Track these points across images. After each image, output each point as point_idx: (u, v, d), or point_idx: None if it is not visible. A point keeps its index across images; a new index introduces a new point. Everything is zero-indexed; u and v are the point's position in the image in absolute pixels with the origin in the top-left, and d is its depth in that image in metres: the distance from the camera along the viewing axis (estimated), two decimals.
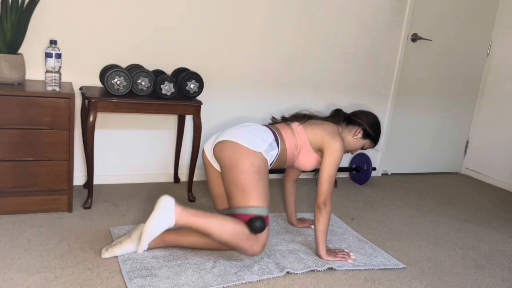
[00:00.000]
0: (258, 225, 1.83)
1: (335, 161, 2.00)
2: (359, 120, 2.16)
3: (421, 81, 3.54)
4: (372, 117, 2.18)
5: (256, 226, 1.82)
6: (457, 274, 2.12)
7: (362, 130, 2.14)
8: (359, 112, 2.20)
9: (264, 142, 1.94)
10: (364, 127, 2.15)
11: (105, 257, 1.88)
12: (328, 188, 1.99)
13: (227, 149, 1.89)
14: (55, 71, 2.26)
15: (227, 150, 1.89)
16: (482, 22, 3.66)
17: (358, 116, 2.17)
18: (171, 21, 2.65)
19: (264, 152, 1.92)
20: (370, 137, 2.16)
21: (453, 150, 3.93)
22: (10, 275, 1.70)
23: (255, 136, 1.94)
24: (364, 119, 2.16)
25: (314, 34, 3.06)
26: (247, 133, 1.95)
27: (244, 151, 1.88)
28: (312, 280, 1.90)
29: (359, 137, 2.15)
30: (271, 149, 1.96)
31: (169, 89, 2.39)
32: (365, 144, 2.18)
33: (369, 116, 2.18)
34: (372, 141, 2.19)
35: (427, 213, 2.88)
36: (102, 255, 1.88)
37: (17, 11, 2.17)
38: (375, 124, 2.17)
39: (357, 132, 2.15)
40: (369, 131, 2.15)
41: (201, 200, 2.65)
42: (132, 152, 2.77)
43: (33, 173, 2.16)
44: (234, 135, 1.93)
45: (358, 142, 2.16)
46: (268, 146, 1.94)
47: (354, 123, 2.16)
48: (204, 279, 1.80)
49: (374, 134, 2.16)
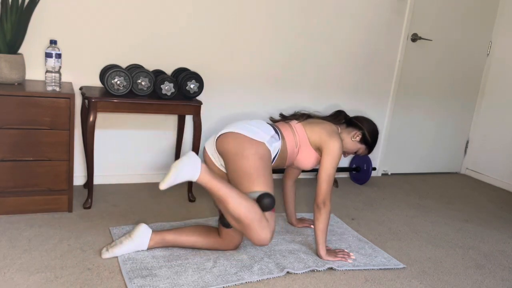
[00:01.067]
0: (268, 200, 1.81)
1: (334, 161, 2.00)
2: (360, 124, 2.17)
3: (421, 81, 3.54)
4: (372, 124, 2.20)
5: (265, 201, 1.80)
6: (457, 274, 2.12)
7: (361, 134, 2.15)
8: (361, 117, 2.23)
9: (266, 134, 1.95)
10: (364, 132, 2.16)
11: (106, 257, 1.88)
12: (327, 187, 1.99)
13: (230, 140, 1.90)
14: (55, 71, 2.26)
15: (231, 141, 1.90)
16: (482, 22, 3.66)
17: (359, 120, 2.19)
18: (171, 21, 2.65)
19: (267, 143, 1.93)
20: (367, 143, 2.18)
21: (453, 150, 3.93)
22: (10, 275, 1.70)
23: (258, 128, 1.96)
24: (365, 124, 2.18)
25: (314, 34, 3.06)
26: (249, 125, 1.97)
27: (247, 141, 1.89)
28: (312, 280, 1.90)
29: (357, 141, 2.16)
30: (274, 140, 1.97)
31: (169, 89, 2.39)
32: (360, 148, 2.19)
33: (370, 123, 2.20)
34: (367, 148, 2.20)
35: (427, 213, 2.88)
36: (103, 255, 1.88)
37: (17, 11, 2.17)
38: (374, 132, 2.19)
39: (356, 135, 2.15)
40: (368, 137, 2.16)
41: (201, 200, 2.65)
42: (132, 152, 2.77)
43: (33, 173, 2.16)
44: (237, 127, 1.94)
45: (354, 145, 2.17)
46: (270, 137, 1.96)
47: (354, 126, 2.17)
48: (204, 279, 1.80)
49: (371, 141, 2.18)
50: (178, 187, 2.82)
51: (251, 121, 2.02)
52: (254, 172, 1.85)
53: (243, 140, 1.89)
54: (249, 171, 1.85)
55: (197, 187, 2.85)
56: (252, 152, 1.86)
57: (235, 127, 1.95)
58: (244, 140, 1.89)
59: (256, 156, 1.86)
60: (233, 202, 1.77)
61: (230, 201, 1.77)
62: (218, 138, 1.95)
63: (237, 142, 1.88)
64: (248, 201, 1.80)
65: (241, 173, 1.86)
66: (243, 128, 1.93)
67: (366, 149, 2.20)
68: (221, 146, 1.92)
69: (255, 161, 1.85)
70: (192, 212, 2.47)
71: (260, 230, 1.80)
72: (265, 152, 1.90)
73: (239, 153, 1.86)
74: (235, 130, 1.93)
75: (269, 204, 1.82)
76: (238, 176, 1.86)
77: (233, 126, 1.97)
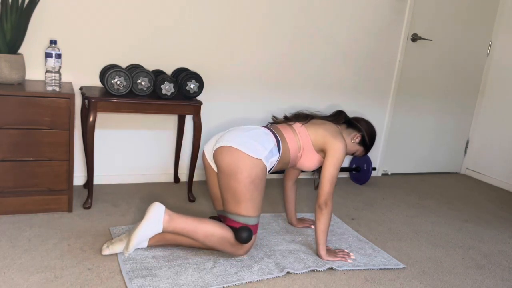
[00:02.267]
0: (244, 237, 1.89)
1: (338, 162, 2.00)
2: (360, 125, 2.18)
3: (421, 81, 3.54)
4: (371, 127, 2.21)
5: (242, 237, 1.89)
6: (457, 274, 2.12)
7: (361, 136, 2.16)
8: (360, 118, 2.23)
9: (265, 149, 1.92)
10: (363, 133, 2.16)
11: (106, 253, 1.89)
12: (329, 188, 1.99)
13: (226, 155, 1.88)
14: (55, 71, 2.26)
15: (226, 156, 1.88)
16: (482, 22, 3.66)
17: (359, 121, 2.20)
18: (171, 21, 2.65)
19: (264, 159, 1.90)
20: (365, 145, 2.19)
21: (453, 150, 3.93)
22: (10, 275, 1.70)
23: (257, 142, 1.91)
24: (364, 126, 2.19)
25: (314, 34, 3.06)
26: (249, 138, 1.92)
27: (243, 159, 1.86)
28: (312, 280, 1.90)
29: (356, 142, 2.17)
30: (272, 155, 1.95)
31: (169, 89, 2.39)
32: (358, 150, 2.20)
33: (369, 125, 2.21)
34: (364, 150, 2.21)
35: (427, 213, 2.88)
36: (103, 252, 1.89)
37: (17, 11, 2.17)
38: (373, 134, 2.21)
39: (356, 137, 2.16)
40: (366, 139, 2.17)
41: (201, 200, 2.65)
42: (132, 152, 2.77)
43: (33, 173, 2.16)
44: (235, 141, 1.90)
45: (353, 146, 2.18)
46: (268, 152, 1.92)
47: (354, 127, 2.18)
48: (204, 279, 1.80)
49: (369, 143, 2.19)
50: (178, 187, 2.82)
51: (252, 131, 1.97)
52: (242, 197, 1.87)
53: (239, 158, 1.86)
54: (238, 196, 1.87)
55: (197, 187, 2.86)
56: (245, 175, 1.85)
57: (233, 141, 1.90)
58: (240, 158, 1.86)
59: (248, 180, 1.86)
60: (201, 239, 1.89)
61: (198, 238, 1.89)
62: (216, 150, 1.94)
63: (232, 160, 1.86)
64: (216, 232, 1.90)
65: (231, 194, 1.89)
66: (241, 143, 1.89)
67: (363, 151, 2.21)
68: (217, 159, 1.92)
69: (246, 186, 1.86)
70: (192, 212, 2.47)
71: (233, 252, 1.95)
72: (259, 172, 1.89)
73: (232, 174, 1.86)
74: (233, 144, 1.88)
75: (244, 240, 1.90)
76: (228, 196, 1.91)
77: (231, 137, 1.92)
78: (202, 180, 2.99)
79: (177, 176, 2.90)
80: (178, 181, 2.91)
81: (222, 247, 1.91)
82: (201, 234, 1.88)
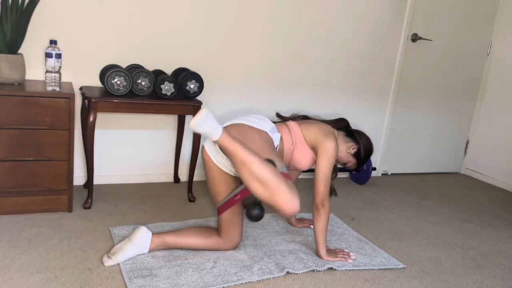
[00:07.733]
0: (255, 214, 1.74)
1: (329, 160, 1.99)
2: (359, 138, 2.16)
3: (421, 81, 3.54)
4: (370, 143, 2.19)
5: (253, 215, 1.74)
6: (457, 274, 2.12)
7: (357, 148, 2.14)
8: (362, 133, 2.21)
9: (268, 124, 1.99)
10: (360, 146, 2.15)
11: (109, 265, 1.83)
12: (324, 188, 1.99)
13: (232, 130, 1.91)
14: (55, 71, 2.26)
15: (233, 131, 1.90)
16: (482, 22, 3.66)
17: (360, 135, 2.18)
18: (171, 21, 2.65)
19: (269, 132, 1.95)
20: (359, 158, 2.16)
21: (453, 150, 3.93)
22: (10, 275, 1.70)
23: (258, 120, 1.99)
24: (363, 140, 2.17)
25: (314, 34, 3.06)
26: (250, 117, 2.00)
27: (250, 129, 1.91)
28: (312, 280, 1.90)
29: (351, 153, 2.15)
30: (274, 131, 2.00)
31: (169, 89, 2.39)
32: (350, 162, 2.18)
33: (368, 141, 2.19)
34: (357, 163, 2.18)
35: (427, 213, 2.88)
36: (105, 264, 1.83)
37: (17, 11, 2.17)
38: (369, 151, 2.18)
39: (352, 148, 2.14)
40: (361, 153, 2.15)
41: (201, 200, 2.65)
42: (132, 152, 2.77)
43: (33, 173, 2.16)
44: (238, 120, 1.98)
45: (347, 157, 2.16)
46: (271, 127, 1.99)
47: (353, 138, 2.16)
48: (204, 279, 1.80)
49: (363, 158, 2.17)
50: (178, 187, 2.82)
51: (250, 116, 2.04)
52: (260, 149, 1.80)
53: (246, 128, 1.91)
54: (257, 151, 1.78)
55: (197, 187, 2.86)
56: (256, 135, 1.88)
57: (236, 120, 1.98)
58: (247, 128, 1.91)
59: (260, 139, 1.87)
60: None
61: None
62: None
63: (240, 130, 1.90)
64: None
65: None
66: (244, 120, 1.96)
67: (355, 165, 2.19)
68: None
69: (260, 143, 1.84)
70: (192, 212, 2.47)
71: (290, 191, 1.66)
72: (268, 138, 1.92)
73: (243, 138, 1.84)
74: (237, 121, 1.96)
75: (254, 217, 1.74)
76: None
77: (234, 119, 2.00)
78: (202, 180, 2.99)
79: (177, 176, 2.90)
80: (178, 181, 2.91)
81: (278, 180, 1.66)
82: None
